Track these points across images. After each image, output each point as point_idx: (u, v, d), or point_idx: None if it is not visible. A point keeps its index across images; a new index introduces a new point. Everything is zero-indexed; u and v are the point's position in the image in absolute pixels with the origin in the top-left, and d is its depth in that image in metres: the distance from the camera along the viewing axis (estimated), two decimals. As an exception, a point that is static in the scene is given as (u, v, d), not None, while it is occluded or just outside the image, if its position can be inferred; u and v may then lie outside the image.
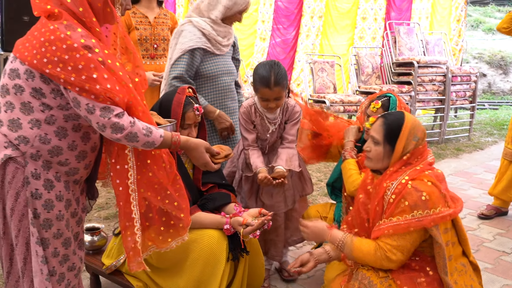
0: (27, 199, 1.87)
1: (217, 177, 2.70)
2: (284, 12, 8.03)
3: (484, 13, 16.52)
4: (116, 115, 1.83)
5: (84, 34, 1.81)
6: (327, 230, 2.26)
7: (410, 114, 2.24)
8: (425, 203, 2.04)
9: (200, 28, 3.02)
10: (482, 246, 3.72)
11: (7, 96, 1.86)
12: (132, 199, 2.01)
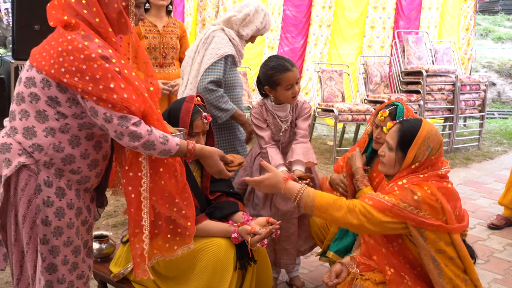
0: (38, 207, 1.89)
1: (225, 185, 2.70)
2: (292, 21, 8.06)
3: (493, 22, 16.46)
4: (134, 124, 1.86)
5: (101, 45, 1.83)
6: (282, 182, 2.22)
7: (429, 123, 2.22)
8: (416, 202, 2.04)
9: (230, 38, 3.13)
10: (492, 256, 3.69)
11: (22, 104, 1.88)
12: (143, 206, 2.03)
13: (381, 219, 2.05)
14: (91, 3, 1.86)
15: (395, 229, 2.09)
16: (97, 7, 1.86)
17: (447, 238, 2.08)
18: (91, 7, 1.85)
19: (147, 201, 2.04)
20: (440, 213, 2.06)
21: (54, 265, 1.94)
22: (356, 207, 2.09)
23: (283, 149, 3.00)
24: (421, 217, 2.03)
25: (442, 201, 2.06)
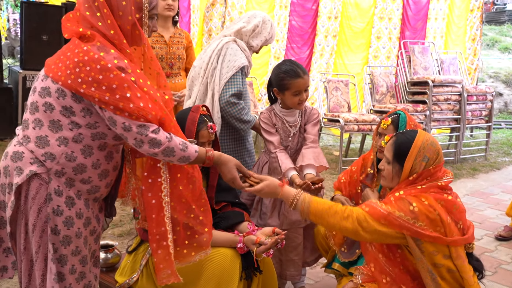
0: (48, 215, 1.90)
1: (230, 195, 2.71)
2: (298, 31, 8.08)
3: (500, 32, 16.44)
4: (153, 131, 1.89)
5: (117, 56, 1.87)
6: (279, 188, 2.24)
7: (425, 133, 2.21)
8: (412, 212, 2.03)
9: (242, 49, 3.15)
10: (500, 268, 3.67)
11: (36, 114, 1.90)
12: (165, 211, 2.06)
13: (376, 227, 2.05)
14: (106, 16, 1.88)
15: (392, 238, 2.07)
16: (111, 19, 1.89)
17: (446, 250, 2.06)
18: (105, 19, 1.88)
19: (168, 206, 2.06)
20: (439, 224, 2.04)
21: (61, 274, 1.95)
22: (354, 214, 2.09)
23: (291, 155, 2.99)
24: (417, 227, 2.02)
25: (440, 212, 2.04)
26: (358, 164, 2.93)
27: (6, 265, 2.04)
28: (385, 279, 2.14)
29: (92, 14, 1.89)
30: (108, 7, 1.89)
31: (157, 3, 2.04)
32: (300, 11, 8.04)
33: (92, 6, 1.89)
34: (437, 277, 2.05)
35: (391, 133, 2.66)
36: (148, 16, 2.00)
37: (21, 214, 1.94)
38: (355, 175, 2.91)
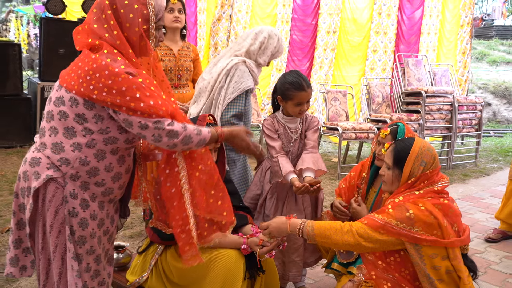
0: (64, 217, 1.90)
1: (235, 199, 2.69)
2: (298, 45, 8.10)
3: (488, 46, 16.44)
4: (168, 124, 1.89)
5: (123, 62, 1.87)
6: (286, 221, 2.26)
7: (422, 140, 2.22)
8: (409, 219, 2.03)
9: (250, 70, 3.12)
10: (489, 268, 3.64)
11: (51, 122, 1.91)
12: (185, 198, 2.06)
13: (377, 237, 2.06)
14: (113, 27, 1.89)
15: (393, 245, 2.08)
16: (117, 31, 1.89)
17: (444, 252, 2.06)
18: (112, 30, 1.89)
19: (188, 192, 2.07)
20: (436, 228, 2.03)
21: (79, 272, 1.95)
22: (353, 227, 2.11)
23: (292, 160, 2.97)
24: (413, 233, 2.02)
25: (437, 216, 2.04)
26: (357, 170, 2.92)
27: (25, 264, 2.04)
28: (386, 284, 2.13)
29: (100, 26, 1.90)
30: (115, 19, 1.89)
31: (163, 15, 2.03)
32: (300, 26, 8.06)
33: (100, 18, 1.91)
34: (435, 280, 2.04)
35: (389, 142, 2.66)
36: (155, 27, 1.99)
37: (39, 215, 1.95)
38: (353, 181, 2.90)
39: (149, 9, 1.94)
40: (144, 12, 1.93)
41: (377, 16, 7.78)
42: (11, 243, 2.02)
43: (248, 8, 8.25)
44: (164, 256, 2.51)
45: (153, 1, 1.95)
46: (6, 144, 6.90)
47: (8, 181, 5.40)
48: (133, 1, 1.91)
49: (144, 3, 1.93)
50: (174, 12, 3.73)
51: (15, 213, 2.02)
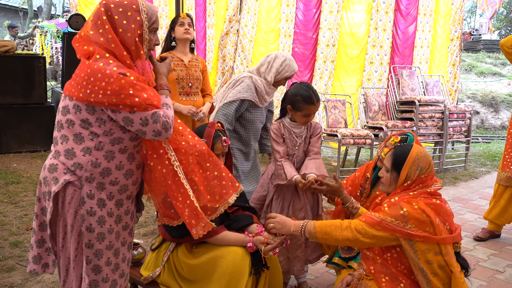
0: (83, 216, 1.91)
1: (241, 200, 2.68)
2: (300, 57, 8.09)
3: (476, 59, 16.40)
4: (163, 115, 1.88)
5: (115, 64, 1.85)
6: (291, 221, 2.27)
7: (419, 147, 2.23)
8: (403, 216, 2.04)
9: (256, 85, 3.27)
10: (478, 265, 3.61)
11: (61, 131, 1.91)
12: (179, 173, 2.02)
13: (373, 233, 2.07)
14: (107, 31, 1.88)
15: (388, 240, 2.08)
16: (112, 34, 1.88)
17: (436, 248, 2.05)
18: (107, 34, 1.88)
19: (180, 169, 2.03)
20: (428, 225, 2.04)
21: (98, 266, 1.96)
22: (352, 224, 2.12)
23: (297, 163, 2.97)
24: (407, 229, 2.02)
25: (429, 214, 2.04)
26: (362, 170, 2.91)
27: (47, 262, 2.04)
28: (384, 278, 2.13)
29: (96, 31, 1.89)
30: (109, 24, 1.88)
31: (157, 19, 2.01)
32: (302, 39, 8.05)
33: (96, 23, 1.90)
34: (428, 274, 2.04)
35: None
36: (149, 31, 1.97)
37: (59, 217, 1.95)
38: (357, 180, 2.89)
39: (142, 16, 1.92)
40: (137, 19, 1.91)
41: (374, 30, 7.77)
42: (34, 243, 2.03)
43: (254, 23, 8.25)
44: (175, 253, 2.50)
45: (146, 8, 1.94)
46: (31, 149, 6.93)
47: (33, 182, 5.41)
48: (127, 9, 1.90)
49: (137, 10, 1.91)
50: (184, 25, 3.78)
51: (38, 215, 2.02)
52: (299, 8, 7.99)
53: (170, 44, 3.88)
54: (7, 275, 3.18)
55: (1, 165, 6.18)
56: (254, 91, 3.26)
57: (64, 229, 1.95)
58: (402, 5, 7.71)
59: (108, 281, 1.99)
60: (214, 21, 8.55)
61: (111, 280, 2.01)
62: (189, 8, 8.68)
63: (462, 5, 7.72)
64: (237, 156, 3.43)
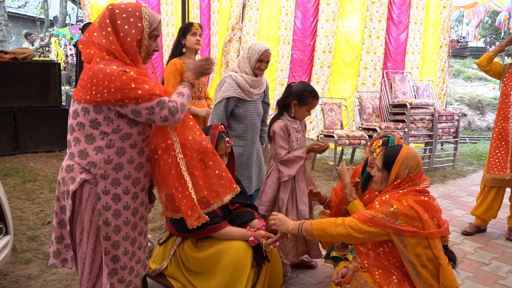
0: (99, 211, 1.91)
1: (243, 198, 2.69)
2: (298, 63, 8.08)
3: (463, 65, 16.37)
4: (169, 101, 1.89)
5: (115, 63, 1.85)
6: (290, 220, 2.28)
7: (408, 147, 2.23)
8: (393, 213, 2.04)
9: (237, 81, 3.22)
10: (465, 258, 3.60)
11: (73, 133, 1.92)
12: (181, 165, 2.01)
13: (366, 228, 2.07)
14: (109, 33, 1.88)
15: (380, 235, 2.08)
16: (113, 37, 1.88)
17: (425, 242, 2.05)
18: (108, 36, 1.88)
19: (183, 161, 2.02)
20: (417, 220, 2.04)
21: (117, 256, 1.97)
22: (345, 221, 2.12)
23: None
24: (397, 225, 2.03)
25: (418, 210, 2.05)
26: (356, 167, 2.90)
27: (66, 258, 2.04)
28: (377, 271, 2.14)
29: (99, 33, 1.89)
30: (112, 27, 1.88)
31: (158, 26, 2.00)
32: (300, 46, 8.04)
33: (101, 25, 1.90)
34: (418, 266, 2.04)
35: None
36: (149, 37, 1.96)
37: (77, 213, 1.96)
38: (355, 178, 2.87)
39: (144, 23, 1.91)
40: (139, 25, 1.91)
41: (368, 38, 7.76)
42: (54, 239, 2.03)
43: (255, 31, 8.24)
44: (181, 247, 2.49)
45: (149, 15, 1.94)
46: (47, 149, 6.93)
47: (48, 180, 5.41)
48: (130, 15, 1.90)
49: (140, 17, 1.91)
50: (196, 36, 3.78)
51: (57, 214, 2.03)
52: (297, 17, 7.98)
53: (181, 50, 3.88)
54: (24, 266, 3.18)
55: (19, 164, 6.18)
56: (237, 87, 3.22)
57: (81, 225, 1.96)
58: (394, 14, 7.70)
59: (126, 268, 2.01)
60: (218, 29, 8.55)
61: (129, 267, 2.02)
62: (194, 17, 8.68)
63: (450, 14, 7.70)
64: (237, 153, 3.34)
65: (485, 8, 12.76)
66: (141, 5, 1.94)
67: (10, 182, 5.26)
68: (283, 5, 8.01)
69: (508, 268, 3.43)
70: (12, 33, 19.80)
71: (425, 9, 7.82)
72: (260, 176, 3.47)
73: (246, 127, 3.31)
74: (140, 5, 1.94)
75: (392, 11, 7.67)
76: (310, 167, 6.79)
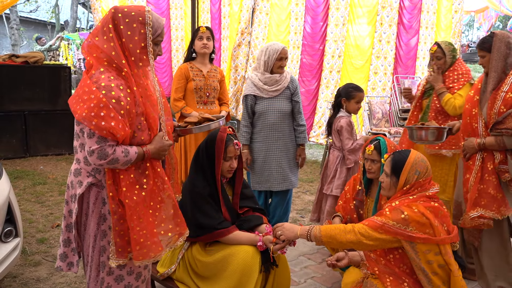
0: (105, 215, 1.93)
1: (251, 202, 2.69)
2: (307, 67, 8.07)
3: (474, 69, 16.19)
4: (108, 146, 1.80)
5: (108, 77, 1.81)
6: (297, 226, 2.26)
7: (417, 152, 2.21)
8: (404, 220, 2.02)
9: (252, 81, 3.53)
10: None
11: (79, 140, 1.93)
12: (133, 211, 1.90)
13: (376, 236, 2.05)
14: (111, 39, 1.84)
15: (390, 242, 2.06)
16: (115, 43, 1.84)
17: (436, 249, 2.04)
18: (110, 42, 1.84)
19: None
20: (428, 227, 2.02)
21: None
22: (355, 228, 2.10)
23: None
24: (408, 232, 2.01)
25: (429, 217, 2.03)
26: (350, 184, 2.92)
27: (72, 261, 2.04)
28: (388, 278, 2.11)
29: (101, 38, 1.85)
30: (114, 32, 1.84)
31: (162, 31, 1.96)
32: (309, 51, 8.04)
33: (103, 29, 1.86)
34: (429, 273, 2.02)
35: (376, 157, 2.66)
36: (153, 43, 1.93)
37: (85, 217, 1.97)
38: (348, 194, 2.90)
39: (147, 29, 1.87)
40: (142, 31, 1.86)
41: (378, 42, 7.74)
42: (61, 242, 2.04)
43: (264, 36, 8.26)
44: (190, 251, 2.50)
45: (153, 21, 1.89)
46: (57, 152, 6.99)
47: (58, 183, 5.45)
48: (133, 20, 1.85)
49: (143, 23, 1.86)
50: (203, 40, 3.78)
51: (65, 217, 2.04)
52: (307, 21, 7.98)
53: (191, 55, 3.89)
54: (34, 269, 3.20)
55: (29, 167, 6.24)
56: (253, 86, 3.51)
57: (89, 229, 1.97)
58: (404, 19, 7.68)
59: (132, 274, 2.01)
60: (228, 33, 8.58)
61: (135, 272, 2.01)
62: (204, 21, 8.72)
63: (461, 18, 7.67)
64: (258, 149, 3.57)
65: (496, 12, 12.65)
66: (144, 9, 1.89)
67: (20, 185, 5.31)
68: (292, 9, 8.02)
69: None
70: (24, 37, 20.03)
71: (436, 14, 7.78)
72: (288, 176, 3.55)
73: (263, 123, 3.52)
74: (144, 9, 1.89)
75: (402, 15, 7.65)
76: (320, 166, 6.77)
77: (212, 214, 2.44)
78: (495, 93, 2.73)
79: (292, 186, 3.60)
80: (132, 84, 1.87)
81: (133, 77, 1.88)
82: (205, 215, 2.40)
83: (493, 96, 2.74)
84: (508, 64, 2.73)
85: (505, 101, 2.67)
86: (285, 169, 3.53)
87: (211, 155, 2.48)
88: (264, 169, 3.54)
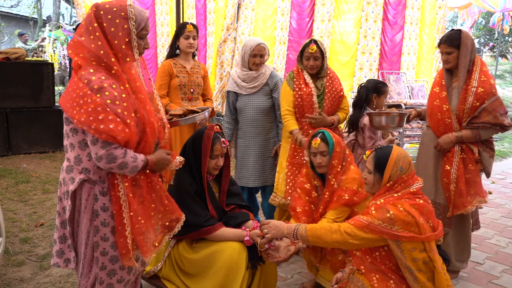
0: (97, 211, 1.92)
1: (238, 199, 2.69)
2: (294, 63, 8.08)
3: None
4: (114, 148, 1.80)
5: (99, 77, 1.80)
6: (284, 224, 2.26)
7: (399, 148, 2.22)
8: (389, 219, 2.02)
9: (233, 77, 3.64)
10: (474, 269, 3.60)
11: (68, 139, 1.92)
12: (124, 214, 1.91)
13: (362, 235, 2.06)
14: (98, 38, 1.83)
15: (376, 241, 2.07)
16: (102, 41, 1.83)
17: (421, 246, 2.05)
18: (97, 41, 1.83)
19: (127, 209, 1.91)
20: (413, 225, 2.03)
21: (115, 257, 1.97)
22: (341, 227, 2.10)
23: None
24: (394, 231, 2.01)
25: (414, 215, 2.03)
26: (302, 175, 2.82)
27: (69, 258, 2.03)
28: (375, 276, 2.12)
29: (87, 37, 1.84)
30: (100, 31, 1.83)
31: (146, 25, 1.94)
32: (296, 46, 8.05)
33: (88, 29, 1.85)
34: (415, 270, 2.04)
35: (324, 148, 2.62)
36: (138, 37, 1.92)
37: (78, 213, 1.96)
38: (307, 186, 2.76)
39: (130, 23, 1.87)
40: (125, 27, 1.86)
41: (363, 38, 7.78)
42: (57, 238, 2.02)
43: (250, 31, 8.25)
44: (176, 249, 2.49)
45: (134, 15, 1.89)
46: (40, 150, 6.90)
47: (41, 181, 5.38)
48: (115, 16, 1.85)
49: (125, 18, 1.86)
50: (189, 39, 3.75)
51: (60, 214, 2.02)
52: (293, 17, 7.99)
53: (175, 52, 3.87)
54: (17, 269, 3.16)
55: (12, 165, 6.15)
56: (233, 83, 3.63)
57: (82, 225, 1.96)
58: (389, 15, 7.73)
59: (124, 269, 2.01)
60: (213, 29, 8.54)
61: (127, 268, 2.02)
62: (189, 17, 8.67)
63: (444, 14, 7.75)
64: (239, 145, 3.65)
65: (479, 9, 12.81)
66: (126, 3, 1.88)
67: (3, 184, 5.24)
68: (278, 5, 8.01)
69: (502, 267, 3.45)
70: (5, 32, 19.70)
71: (421, 10, 7.86)
72: (264, 173, 3.58)
73: (243, 119, 3.59)
74: (125, 3, 1.88)
75: (387, 11, 7.70)
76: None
77: (199, 211, 2.43)
78: (465, 88, 2.93)
79: (267, 183, 3.61)
80: (124, 81, 1.87)
81: (124, 74, 1.88)
82: (191, 212, 2.40)
83: (464, 91, 2.93)
84: (470, 60, 2.95)
85: (477, 96, 2.88)
86: (262, 166, 3.57)
87: (197, 152, 2.47)
88: (243, 165, 3.64)
